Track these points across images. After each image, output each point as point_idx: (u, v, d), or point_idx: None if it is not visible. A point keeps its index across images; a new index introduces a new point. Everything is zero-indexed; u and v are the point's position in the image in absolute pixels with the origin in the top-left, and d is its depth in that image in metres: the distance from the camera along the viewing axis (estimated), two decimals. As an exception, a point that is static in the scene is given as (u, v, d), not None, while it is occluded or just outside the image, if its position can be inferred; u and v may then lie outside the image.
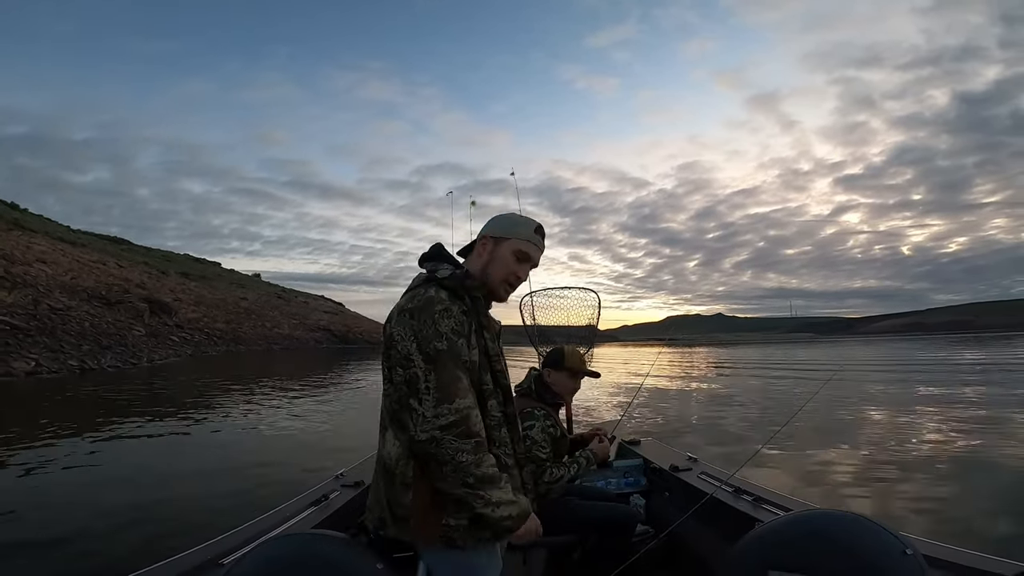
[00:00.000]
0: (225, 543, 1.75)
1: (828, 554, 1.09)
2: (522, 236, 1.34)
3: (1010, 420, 7.93)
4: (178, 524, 3.86)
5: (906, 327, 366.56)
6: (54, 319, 18.17)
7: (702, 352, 43.35)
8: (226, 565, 1.54)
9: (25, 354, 13.89)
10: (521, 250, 1.33)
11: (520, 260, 1.33)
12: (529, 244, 1.34)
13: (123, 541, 3.57)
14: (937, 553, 1.46)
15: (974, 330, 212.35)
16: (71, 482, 5.07)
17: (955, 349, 36.64)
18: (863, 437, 6.94)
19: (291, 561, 1.14)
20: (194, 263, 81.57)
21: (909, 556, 1.05)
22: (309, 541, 1.23)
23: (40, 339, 15.73)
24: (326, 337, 60.55)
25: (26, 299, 18.27)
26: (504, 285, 1.33)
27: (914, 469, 5.32)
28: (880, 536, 1.09)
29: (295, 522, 2.04)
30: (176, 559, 1.62)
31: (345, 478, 2.66)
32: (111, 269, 40.21)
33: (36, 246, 32.33)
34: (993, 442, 6.43)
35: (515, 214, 1.43)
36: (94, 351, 17.30)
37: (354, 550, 1.21)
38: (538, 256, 1.36)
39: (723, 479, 2.41)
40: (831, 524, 1.17)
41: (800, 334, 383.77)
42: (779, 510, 1.99)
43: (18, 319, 16.06)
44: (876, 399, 10.48)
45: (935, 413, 8.68)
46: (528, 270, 1.35)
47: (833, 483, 4.96)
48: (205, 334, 36.22)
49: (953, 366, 20.17)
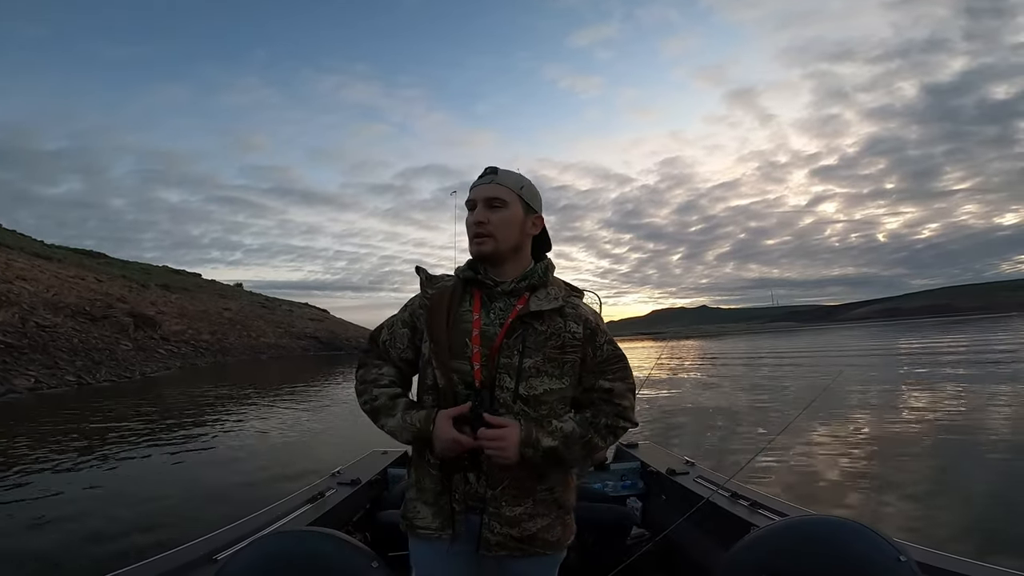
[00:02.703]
0: (219, 538, 1.75)
1: (823, 560, 1.09)
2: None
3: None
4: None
5: (884, 313, 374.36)
6: (44, 336, 18.13)
7: (690, 345, 43.89)
8: (220, 560, 1.54)
9: (24, 371, 14.02)
10: (466, 201, 1.30)
11: (469, 208, 1.28)
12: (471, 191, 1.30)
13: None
14: (931, 560, 1.45)
15: (952, 313, 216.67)
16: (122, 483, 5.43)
17: (935, 334, 36.87)
18: (861, 439, 6.92)
19: (286, 557, 1.12)
20: (173, 275, 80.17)
21: (903, 563, 1.04)
22: (304, 538, 1.21)
23: (34, 356, 15.78)
24: (313, 344, 60.19)
25: (13, 317, 18.21)
26: (470, 243, 1.27)
27: (912, 472, 5.39)
28: (875, 542, 1.09)
29: (291, 518, 2.04)
30: (169, 554, 1.62)
31: (341, 475, 2.67)
32: (91, 284, 39.63)
33: (15, 263, 31.85)
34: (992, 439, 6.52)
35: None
36: (88, 366, 17.35)
37: (349, 547, 1.19)
38: (477, 193, 1.26)
39: (720, 483, 2.40)
40: (826, 530, 1.16)
41: (783, 323, 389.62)
42: (775, 515, 1.98)
43: (10, 337, 16.08)
44: (873, 399, 10.39)
45: (928, 407, 8.80)
46: (477, 212, 1.25)
47: (829, 488, 5.02)
48: (191, 346, 35.96)
49: (935, 353, 20.48)
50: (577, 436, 1.20)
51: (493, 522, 1.19)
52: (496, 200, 1.23)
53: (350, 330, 76.61)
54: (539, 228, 1.32)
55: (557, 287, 1.29)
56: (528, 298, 1.24)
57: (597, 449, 1.25)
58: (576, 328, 1.24)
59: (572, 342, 1.23)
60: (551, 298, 1.24)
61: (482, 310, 1.25)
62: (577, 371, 1.24)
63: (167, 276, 74.58)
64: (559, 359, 1.22)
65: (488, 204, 1.23)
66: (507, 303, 1.25)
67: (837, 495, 4.85)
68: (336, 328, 74.02)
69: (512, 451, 1.14)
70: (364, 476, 2.65)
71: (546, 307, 1.22)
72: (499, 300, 1.25)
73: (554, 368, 1.21)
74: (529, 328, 1.21)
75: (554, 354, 1.21)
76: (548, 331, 1.22)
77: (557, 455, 1.18)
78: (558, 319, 1.24)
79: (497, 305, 1.25)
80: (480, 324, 1.23)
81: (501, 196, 1.24)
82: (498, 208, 1.24)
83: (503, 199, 1.24)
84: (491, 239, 1.23)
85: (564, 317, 1.24)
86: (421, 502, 1.24)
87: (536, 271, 1.28)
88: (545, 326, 1.22)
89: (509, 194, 1.25)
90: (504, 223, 1.24)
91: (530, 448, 1.15)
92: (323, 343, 62.62)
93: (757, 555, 1.18)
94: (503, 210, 1.24)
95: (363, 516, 2.51)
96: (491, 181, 1.25)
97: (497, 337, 1.21)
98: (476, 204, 1.24)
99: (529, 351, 1.20)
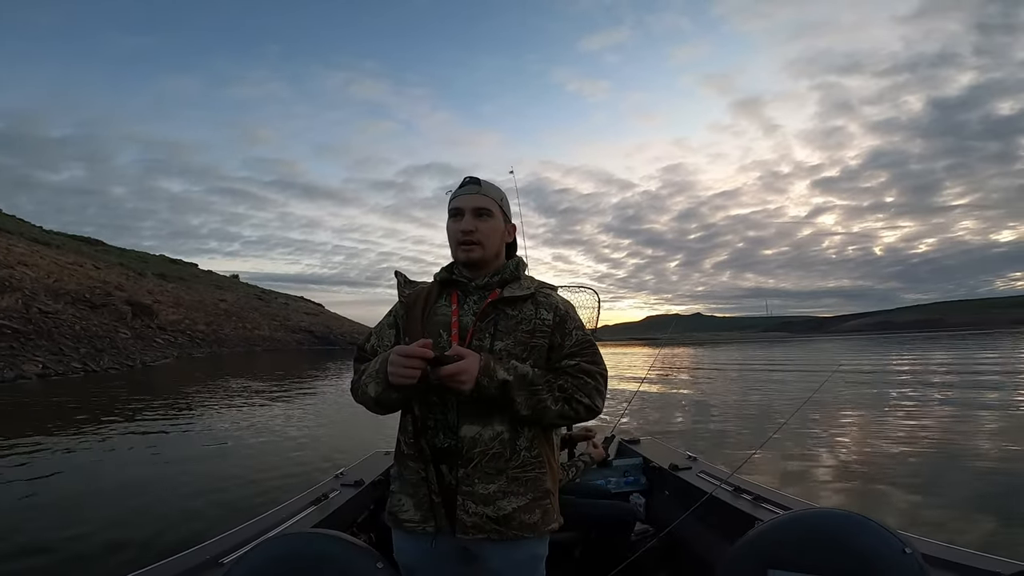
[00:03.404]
0: (225, 542, 1.75)
1: (827, 553, 1.09)
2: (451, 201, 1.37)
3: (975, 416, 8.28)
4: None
5: (875, 326, 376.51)
6: (48, 322, 18.38)
7: (684, 351, 44.17)
8: (226, 564, 1.55)
9: (31, 357, 14.28)
10: (450, 208, 1.35)
11: (453, 216, 1.33)
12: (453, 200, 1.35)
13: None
14: (936, 552, 1.45)
15: (942, 328, 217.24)
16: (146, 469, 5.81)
17: (920, 348, 37.38)
18: (859, 436, 7.02)
19: (291, 560, 1.13)
20: (170, 264, 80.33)
21: (908, 555, 1.04)
22: (310, 540, 1.21)
23: (40, 342, 16.06)
24: (307, 338, 60.48)
25: (17, 303, 18.42)
26: (457, 249, 1.33)
27: (910, 466, 5.49)
28: (879, 535, 1.08)
29: (295, 521, 2.04)
30: (176, 558, 1.62)
31: (345, 477, 2.67)
32: (89, 271, 39.76)
33: (15, 248, 31.98)
34: (975, 439, 6.71)
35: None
36: (91, 353, 17.65)
37: (355, 548, 1.19)
38: (465, 203, 1.31)
39: (723, 478, 2.39)
40: (830, 523, 1.16)
41: (775, 333, 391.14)
42: (778, 509, 1.98)
43: (15, 322, 16.31)
44: (870, 397, 10.67)
45: (917, 412, 9.01)
46: (466, 222, 1.30)
47: (831, 482, 5.05)
48: (188, 336, 36.21)
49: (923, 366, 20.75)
50: (529, 380, 1.21)
51: (467, 501, 1.21)
52: (483, 210, 1.30)
53: (345, 325, 76.87)
54: (512, 236, 1.42)
55: (529, 280, 1.37)
56: (501, 291, 1.31)
57: (547, 409, 1.23)
58: (547, 315, 1.30)
59: (541, 327, 1.29)
60: (523, 287, 1.32)
61: (459, 304, 1.32)
62: (544, 356, 1.29)
63: (163, 265, 74.67)
64: (527, 343, 1.27)
65: (476, 213, 1.30)
66: (481, 296, 1.32)
67: (840, 488, 4.89)
68: (331, 323, 74.35)
69: (470, 378, 1.15)
70: (367, 477, 2.67)
71: (518, 293, 1.30)
72: (474, 294, 1.33)
73: (523, 351, 1.26)
74: (501, 313, 1.28)
75: (524, 338, 1.27)
76: (519, 316, 1.28)
77: (508, 392, 1.19)
78: (529, 306, 1.30)
79: (472, 299, 1.32)
80: (457, 314, 1.31)
81: (488, 207, 1.31)
82: (485, 218, 1.30)
83: (489, 210, 1.31)
84: (479, 247, 1.30)
85: (536, 305, 1.31)
86: (404, 493, 1.27)
87: (508, 267, 1.35)
88: (516, 311, 1.29)
89: (493, 204, 1.32)
90: (490, 232, 1.31)
91: (486, 378, 1.16)
92: (317, 337, 62.85)
93: (761, 549, 1.19)
94: (489, 219, 1.31)
95: (367, 517, 2.52)
96: (477, 192, 1.32)
97: (472, 323, 1.28)
98: (463, 212, 1.30)
99: (500, 335, 1.26)
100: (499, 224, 1.33)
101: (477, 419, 1.23)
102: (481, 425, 1.23)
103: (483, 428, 1.23)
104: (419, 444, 1.24)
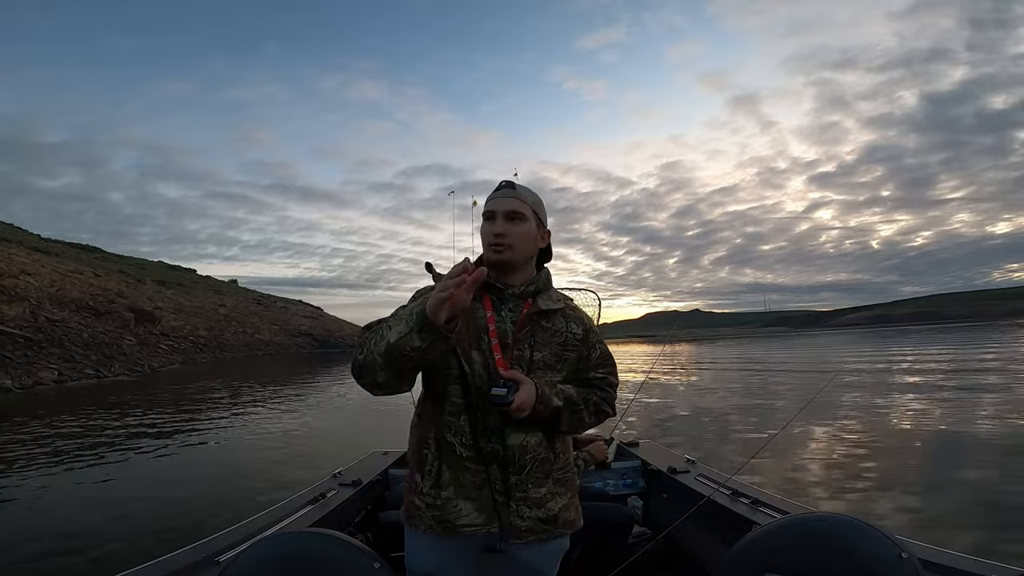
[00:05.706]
0: (221, 540, 1.74)
1: (824, 557, 1.09)
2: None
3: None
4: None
5: (872, 319, 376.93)
6: (56, 331, 18.68)
7: (683, 348, 44.27)
8: (222, 563, 1.54)
9: (46, 364, 14.57)
10: (484, 211, 1.37)
11: (487, 219, 1.35)
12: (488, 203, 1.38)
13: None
14: (933, 557, 1.45)
15: (939, 320, 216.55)
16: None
17: (916, 339, 37.46)
18: (859, 438, 7.01)
19: (288, 559, 1.13)
20: (168, 270, 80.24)
21: (905, 560, 1.05)
22: (307, 539, 1.21)
23: (52, 350, 16.34)
24: (308, 342, 60.62)
25: (25, 312, 18.71)
26: (488, 250, 1.34)
27: (910, 468, 5.53)
28: (877, 540, 1.09)
29: (292, 520, 2.04)
30: (172, 556, 1.62)
31: (343, 476, 2.67)
32: (90, 279, 39.94)
33: (17, 257, 32.20)
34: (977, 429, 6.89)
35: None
36: (102, 360, 17.97)
37: (351, 548, 1.20)
38: (498, 205, 1.33)
39: (721, 481, 2.39)
40: (828, 527, 1.16)
41: (774, 328, 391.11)
42: (776, 513, 1.98)
43: (27, 331, 16.60)
44: (869, 398, 10.66)
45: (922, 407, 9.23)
46: (498, 224, 1.31)
47: (829, 485, 5.08)
48: (190, 342, 36.43)
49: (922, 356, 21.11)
50: (573, 402, 1.30)
51: (522, 507, 1.24)
52: (516, 214, 1.32)
53: (344, 328, 76.95)
54: (546, 242, 1.43)
55: (557, 292, 1.42)
56: (534, 300, 1.34)
57: (583, 423, 1.34)
58: (576, 329, 1.36)
59: (573, 341, 1.35)
60: (555, 300, 1.36)
61: (493, 310, 1.32)
62: (574, 367, 1.37)
63: (162, 271, 74.55)
64: (561, 355, 1.33)
65: (508, 217, 1.31)
66: (516, 304, 1.33)
67: (838, 492, 4.93)
68: (330, 326, 74.46)
69: (529, 407, 1.20)
70: (365, 477, 2.68)
71: (553, 307, 1.34)
72: (508, 302, 1.34)
73: (556, 362, 1.32)
74: (538, 325, 1.32)
75: (557, 350, 1.33)
76: (553, 328, 1.33)
77: (558, 417, 1.27)
78: (560, 319, 1.35)
79: (507, 306, 1.33)
80: (494, 321, 1.31)
81: (521, 211, 1.32)
82: (518, 221, 1.32)
83: (523, 213, 1.32)
84: (510, 249, 1.31)
85: (566, 318, 1.36)
86: (461, 498, 1.23)
87: (540, 278, 1.38)
88: (550, 323, 1.34)
89: (527, 209, 1.33)
90: (522, 236, 1.32)
91: (542, 405, 1.22)
92: (318, 341, 62.93)
93: (759, 553, 1.19)
94: (522, 224, 1.32)
95: (365, 517, 2.52)
96: (512, 195, 1.33)
97: (511, 332, 1.30)
98: (496, 215, 1.32)
99: (538, 345, 1.31)
100: (531, 228, 1.35)
101: (522, 425, 1.26)
102: (526, 432, 1.27)
103: (528, 435, 1.27)
104: (478, 445, 1.25)
